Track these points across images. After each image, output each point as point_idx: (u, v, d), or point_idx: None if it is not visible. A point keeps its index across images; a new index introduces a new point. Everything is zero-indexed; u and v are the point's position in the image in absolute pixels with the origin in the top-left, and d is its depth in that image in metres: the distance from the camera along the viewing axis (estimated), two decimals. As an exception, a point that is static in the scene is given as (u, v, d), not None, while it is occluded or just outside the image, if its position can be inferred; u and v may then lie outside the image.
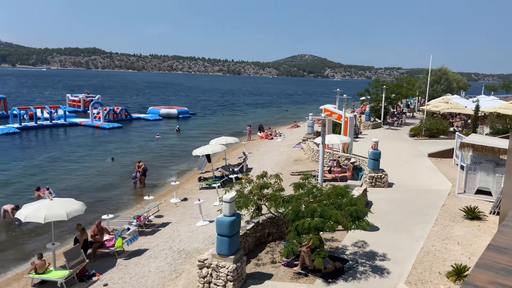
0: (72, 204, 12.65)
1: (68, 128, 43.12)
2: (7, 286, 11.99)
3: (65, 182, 22.92)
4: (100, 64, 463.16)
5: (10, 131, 37.25)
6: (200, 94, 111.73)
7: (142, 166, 23.39)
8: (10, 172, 24.78)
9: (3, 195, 20.26)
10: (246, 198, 11.74)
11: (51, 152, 30.68)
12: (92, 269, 12.50)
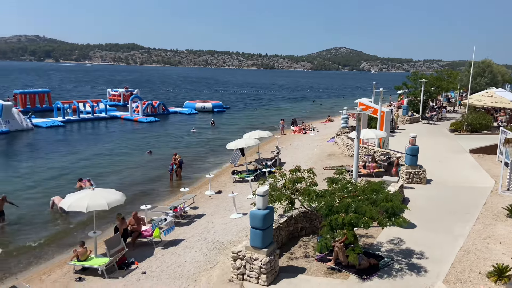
0: (113, 195, 13.16)
1: (109, 121, 44.70)
2: (51, 272, 12.64)
3: (105, 174, 23.83)
4: (138, 59, 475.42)
5: (54, 124, 39.07)
6: (234, 88, 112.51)
7: (178, 158, 23.92)
8: (55, 164, 26.04)
9: (48, 186, 21.34)
10: (279, 192, 11.80)
11: (92, 145, 31.96)
12: (131, 257, 12.98)
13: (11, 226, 16.08)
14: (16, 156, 27.82)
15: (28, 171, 23.97)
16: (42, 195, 19.72)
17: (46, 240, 15.02)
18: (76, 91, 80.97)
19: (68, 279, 11.93)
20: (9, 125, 35.31)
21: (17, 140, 33.01)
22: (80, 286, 11.52)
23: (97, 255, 12.75)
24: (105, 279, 11.80)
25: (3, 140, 32.57)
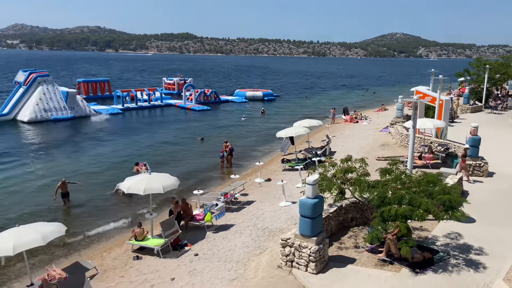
0: (168, 179, 13.73)
1: (164, 109, 46.36)
2: (111, 250, 13.50)
3: (160, 159, 24.85)
4: (192, 48, 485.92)
5: (114, 112, 41.19)
6: (285, 77, 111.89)
7: (229, 146, 24.36)
8: (116, 148, 27.53)
9: (109, 168, 22.65)
10: (329, 181, 11.67)
11: (149, 131, 33.37)
12: (184, 240, 13.53)
13: (76, 207, 17.28)
14: (80, 140, 29.70)
15: (92, 154, 25.56)
16: (103, 178, 20.98)
17: (107, 220, 16.00)
18: (134, 80, 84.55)
19: (126, 257, 12.68)
20: (74, 111, 37.72)
21: (81, 125, 35.23)
22: (138, 264, 12.20)
23: (153, 236, 13.41)
24: (160, 258, 12.42)
25: (68, 125, 34.91)
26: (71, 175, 20.29)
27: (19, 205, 17.06)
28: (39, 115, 35.13)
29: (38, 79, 36.41)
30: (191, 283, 10.63)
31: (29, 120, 34.44)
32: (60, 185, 17.19)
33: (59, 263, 12.22)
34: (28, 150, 26.39)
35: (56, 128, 33.68)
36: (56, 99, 36.92)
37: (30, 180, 20.36)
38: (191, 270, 11.42)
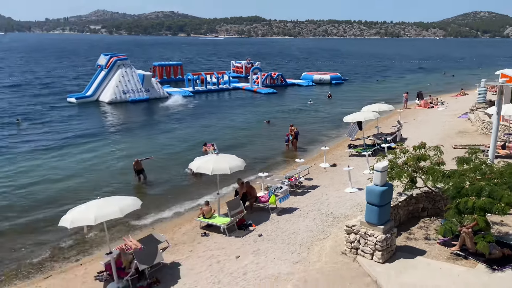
0: (234, 161, 14.05)
1: (232, 92, 47.27)
2: (181, 225, 14.21)
3: (227, 140, 25.49)
4: (260, 31, 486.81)
5: (185, 94, 42.84)
6: (354, 60, 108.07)
7: (295, 130, 24.25)
8: (187, 129, 28.73)
9: (180, 148, 23.74)
10: (400, 169, 11.17)
11: (217, 113, 34.32)
12: (249, 220, 13.85)
13: (150, 185, 18.33)
14: (154, 121, 31.41)
15: (164, 135, 26.94)
16: (175, 158, 22.05)
17: (178, 197, 16.85)
18: (204, 64, 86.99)
19: (195, 233, 13.30)
20: (149, 93, 39.86)
21: (155, 106, 37.18)
22: (205, 240, 12.75)
23: (219, 215, 13.89)
24: (226, 236, 12.85)
25: (144, 106, 37.01)
26: (144, 153, 21.56)
27: (99, 180, 18.53)
28: (118, 97, 37.60)
29: (118, 63, 38.84)
30: (255, 262, 10.90)
31: (110, 101, 37.03)
32: (134, 164, 18.37)
33: (135, 234, 13.15)
34: (108, 129, 28.48)
35: (133, 108, 35.86)
36: (134, 81, 39.21)
37: (110, 157, 21.98)
38: (256, 249, 11.69)
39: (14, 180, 18.19)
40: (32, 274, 11.40)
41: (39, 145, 23.60)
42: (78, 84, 48.59)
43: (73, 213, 10.03)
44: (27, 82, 50.54)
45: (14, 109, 33.67)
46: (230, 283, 9.98)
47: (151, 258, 10.58)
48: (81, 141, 24.62)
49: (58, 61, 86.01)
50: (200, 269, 10.86)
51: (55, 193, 16.84)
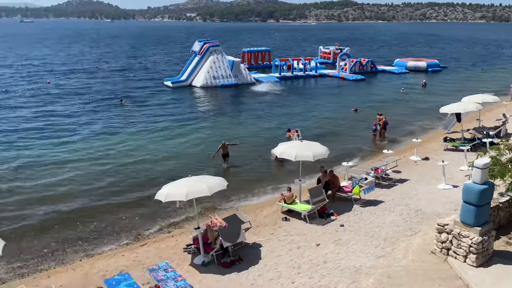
0: (318, 148, 13.92)
1: (318, 79, 46.59)
2: (263, 208, 14.55)
3: (311, 127, 25.31)
4: (351, 16, 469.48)
5: (271, 80, 43.28)
6: (456, 45, 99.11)
7: (383, 119, 23.20)
8: (273, 115, 29.10)
9: (265, 133, 24.19)
10: (504, 167, 10.15)
11: (302, 99, 34.17)
12: (331, 209, 13.71)
13: (234, 167, 18.95)
14: (241, 106, 32.33)
15: (251, 119, 27.63)
16: (259, 142, 22.54)
17: (261, 181, 17.27)
18: (292, 50, 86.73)
19: (276, 217, 13.56)
20: (237, 78, 41.02)
21: (242, 91, 38.19)
22: (286, 225, 12.93)
23: (301, 201, 13.96)
24: (306, 223, 12.89)
25: (232, 91, 38.22)
26: (231, 137, 22.37)
27: (190, 161, 19.65)
28: (209, 82, 39.32)
29: (210, 49, 40.47)
30: (336, 251, 10.80)
31: (201, 86, 38.89)
32: (221, 147, 18.93)
33: (220, 213, 13.82)
34: (199, 112, 29.99)
35: (221, 93, 37.24)
36: (224, 67, 40.62)
37: (200, 139, 23.16)
38: (336, 239, 11.57)
39: (116, 158, 20.10)
40: (130, 241, 12.63)
41: (138, 125, 25.72)
42: (173, 69, 51.71)
43: (168, 188, 10.87)
44: (130, 66, 55.14)
45: (119, 91, 37.03)
46: (309, 270, 10.04)
47: (234, 237, 11.05)
48: (175, 123, 26.30)
49: (157, 47, 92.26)
50: (280, 253, 11.07)
51: (150, 170, 18.30)
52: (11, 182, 16.43)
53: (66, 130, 23.89)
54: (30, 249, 12.02)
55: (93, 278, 10.38)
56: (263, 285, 9.66)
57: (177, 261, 11.06)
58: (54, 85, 38.94)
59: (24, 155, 19.55)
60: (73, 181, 16.72)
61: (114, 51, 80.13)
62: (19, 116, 27.19)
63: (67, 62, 58.60)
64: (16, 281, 10.58)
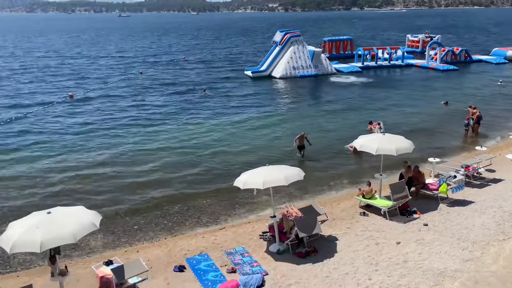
0: (402, 142, 13.24)
1: (404, 69, 44.12)
2: (340, 202, 14.29)
3: (395, 120, 24.14)
4: (443, 2, 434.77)
5: (353, 70, 41.96)
6: None
7: (477, 113, 21.34)
8: (352, 107, 28.31)
9: (343, 126, 23.62)
10: None
11: (386, 91, 32.68)
12: (413, 207, 13.02)
13: (310, 160, 18.67)
14: (319, 98, 31.90)
15: (328, 111, 27.16)
16: (337, 134, 22.11)
17: (337, 174, 16.96)
18: (377, 39, 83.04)
19: (353, 211, 13.25)
20: (317, 69, 40.44)
21: (322, 82, 37.60)
22: (364, 220, 12.59)
23: (381, 197, 13.46)
24: (386, 220, 12.42)
25: (312, 81, 37.82)
26: (307, 128, 22.19)
27: (267, 149, 19.95)
28: (288, 72, 39.31)
29: (291, 39, 40.33)
30: (417, 251, 10.28)
31: (280, 76, 39.04)
32: (299, 137, 18.71)
33: (296, 203, 13.86)
34: (277, 103, 30.19)
35: (300, 84, 37.01)
36: (304, 57, 40.27)
37: (277, 129, 23.30)
38: (419, 239, 10.99)
39: (199, 147, 21.08)
40: (210, 224, 13.27)
41: (219, 115, 26.60)
42: (254, 60, 52.55)
43: (246, 176, 11.18)
44: (213, 57, 57.20)
45: (203, 81, 38.66)
46: (388, 268, 9.70)
47: (310, 228, 11.04)
48: (254, 114, 26.71)
49: (240, 38, 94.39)
50: (357, 248, 10.83)
51: (230, 159, 18.86)
52: (108, 167, 18.00)
53: (156, 120, 25.36)
54: (122, 226, 13.20)
55: (176, 256, 11.12)
56: (338, 279, 9.55)
57: (253, 247, 11.38)
58: (146, 75, 41.89)
59: (119, 143, 21.16)
60: (161, 168, 17.80)
61: (200, 42, 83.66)
62: (115, 105, 29.67)
63: (158, 53, 62.54)
64: (110, 252, 11.74)
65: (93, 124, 24.39)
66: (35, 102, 30.34)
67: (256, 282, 9.56)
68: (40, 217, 8.34)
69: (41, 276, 10.37)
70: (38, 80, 39.55)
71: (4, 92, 33.75)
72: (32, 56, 59.24)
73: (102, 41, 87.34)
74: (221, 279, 9.93)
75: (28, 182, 16.41)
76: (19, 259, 11.32)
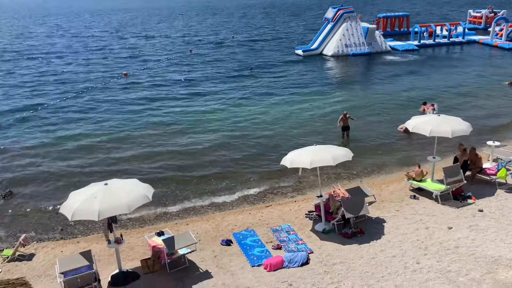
0: (458, 124, 12.58)
1: (465, 47, 41.35)
2: (389, 184, 13.93)
3: (452, 101, 22.90)
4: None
5: (409, 48, 39.92)
6: None
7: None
8: (405, 87, 27.10)
9: (395, 106, 22.76)
10: None
11: (443, 71, 30.92)
12: (468, 191, 12.43)
13: (356, 141, 18.19)
14: (372, 76, 30.78)
15: (380, 91, 26.23)
16: (388, 115, 21.38)
17: (389, 156, 16.47)
18: (436, 14, 78.18)
19: (403, 194, 12.89)
20: (371, 47, 38.91)
21: (375, 61, 36.17)
22: (414, 203, 12.23)
23: (433, 180, 12.95)
24: (438, 204, 11.99)
25: (364, 60, 36.51)
26: (358, 109, 21.62)
27: (315, 129, 19.76)
28: (340, 50, 38.18)
29: (344, 16, 38.95)
30: (470, 237, 9.86)
31: (332, 54, 38.02)
32: (342, 118, 18.10)
33: (343, 184, 13.71)
34: (327, 81, 29.52)
35: (353, 62, 35.88)
36: (357, 35, 38.86)
37: (326, 109, 22.92)
38: (472, 225, 10.52)
39: (246, 126, 21.26)
40: (256, 202, 13.50)
41: (267, 94, 26.56)
42: (305, 38, 51.50)
43: (293, 155, 11.18)
44: (262, 35, 56.66)
45: (251, 59, 38.56)
46: (438, 253, 9.41)
47: (357, 209, 10.91)
48: (302, 93, 26.41)
49: (291, 16, 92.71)
50: (406, 231, 10.57)
51: (277, 138, 18.95)
52: (160, 146, 18.63)
53: (206, 99, 25.72)
54: (173, 199, 13.80)
55: (223, 230, 11.48)
56: (384, 261, 9.42)
57: (298, 225, 11.46)
58: (195, 54, 42.51)
59: (170, 121, 21.66)
60: (210, 146, 18.17)
61: (249, 21, 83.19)
62: (168, 83, 30.49)
63: (209, 32, 63.02)
64: (161, 223, 12.34)
65: (145, 103, 25.21)
66: (92, 79, 31.90)
67: (301, 259, 9.68)
68: (98, 187, 8.92)
69: (98, 243, 11.16)
70: (95, 59, 41.43)
71: (64, 71, 35.77)
72: (85, 36, 61.83)
73: (152, 21, 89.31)
74: (266, 255, 10.14)
75: (87, 155, 17.50)
76: (78, 226, 12.22)
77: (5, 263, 10.43)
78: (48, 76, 33.62)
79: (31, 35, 64.03)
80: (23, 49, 49.11)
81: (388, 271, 9.01)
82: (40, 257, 10.67)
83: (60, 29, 71.12)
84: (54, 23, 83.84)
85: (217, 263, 9.97)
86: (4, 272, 10.05)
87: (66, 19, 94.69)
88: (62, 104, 25.25)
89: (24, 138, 19.60)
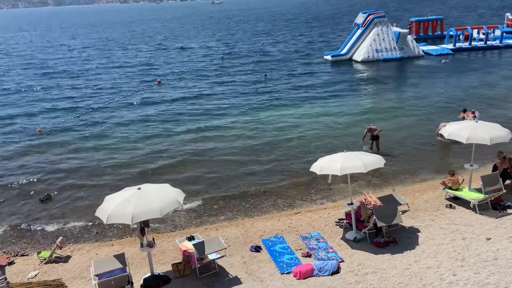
0: (497, 130, 12.06)
1: (503, 51, 39.77)
2: (423, 192, 13.46)
3: (489, 106, 22.08)
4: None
5: (443, 52, 38.81)
6: None
7: None
8: (441, 93, 26.30)
9: (428, 113, 22.12)
10: None
11: (479, 75, 29.90)
12: (508, 201, 11.88)
13: (393, 147, 17.80)
14: (403, 83, 30.08)
15: (411, 97, 25.58)
16: (420, 122, 20.81)
17: (423, 164, 15.97)
18: (472, 18, 75.75)
19: (438, 203, 12.47)
20: (403, 51, 38.08)
21: (407, 66, 35.38)
22: (450, 213, 11.80)
23: (470, 189, 12.47)
24: (476, 214, 11.52)
25: (396, 65, 35.76)
26: (389, 114, 21.15)
27: (345, 136, 19.47)
28: (371, 55, 37.59)
29: (375, 21, 38.37)
30: (510, 249, 9.41)
31: (362, 60, 37.49)
32: (368, 130, 17.46)
33: (375, 192, 13.42)
34: (357, 88, 29.05)
35: (384, 68, 35.19)
36: (388, 39, 38.16)
37: (355, 116, 22.51)
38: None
39: (274, 132, 21.22)
40: (285, 208, 13.42)
41: (297, 98, 26.49)
42: (335, 43, 51.08)
43: (323, 161, 11.05)
44: (291, 40, 56.53)
45: (280, 65, 38.52)
46: (476, 264, 9.02)
47: (390, 218, 10.63)
48: (330, 99, 26.06)
49: (318, 22, 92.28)
50: (442, 241, 10.20)
51: (305, 145, 18.77)
52: (190, 151, 18.96)
53: (236, 104, 25.84)
54: (203, 205, 13.93)
55: (252, 236, 11.47)
56: (419, 272, 9.11)
57: (328, 233, 11.30)
58: (226, 61, 42.95)
59: (200, 128, 21.94)
60: (239, 151, 18.29)
61: (270, 29, 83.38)
62: (196, 90, 30.94)
63: (237, 40, 63.58)
64: (191, 228, 12.48)
65: (177, 110, 25.66)
66: (126, 87, 32.82)
67: (331, 268, 9.52)
68: (131, 192, 9.13)
69: (131, 246, 11.40)
70: (131, 68, 42.65)
71: (101, 79, 37.00)
72: (119, 46, 63.79)
73: (191, 29, 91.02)
74: (296, 262, 10.04)
75: (121, 160, 17.97)
76: (113, 229, 12.54)
77: (42, 264, 10.82)
78: (99, 87, 34.93)
79: (70, 47, 66.79)
80: (71, 62, 51.30)
81: (423, 282, 8.72)
82: (76, 259, 11.01)
83: (108, 41, 73.24)
84: (104, 36, 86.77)
85: (246, 269, 9.96)
86: (41, 274, 10.43)
87: (115, 30, 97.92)
88: (100, 112, 26.08)
89: (63, 144, 20.36)
